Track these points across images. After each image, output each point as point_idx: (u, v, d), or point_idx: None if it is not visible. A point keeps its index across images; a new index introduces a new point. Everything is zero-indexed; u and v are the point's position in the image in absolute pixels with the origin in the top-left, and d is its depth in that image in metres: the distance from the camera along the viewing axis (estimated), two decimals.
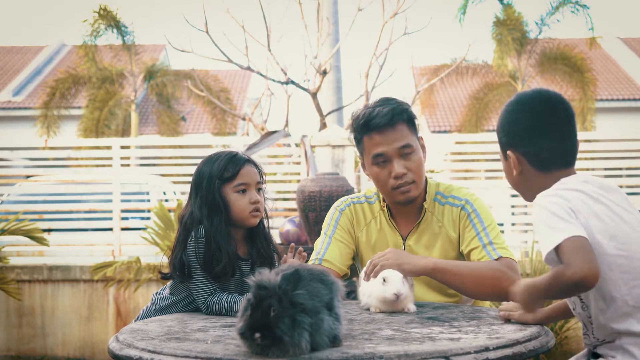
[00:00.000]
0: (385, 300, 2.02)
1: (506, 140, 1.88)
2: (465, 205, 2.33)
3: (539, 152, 1.82)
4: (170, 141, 7.77)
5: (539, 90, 1.88)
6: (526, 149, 1.84)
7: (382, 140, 2.28)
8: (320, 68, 7.29)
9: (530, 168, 1.84)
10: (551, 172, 1.82)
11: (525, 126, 1.84)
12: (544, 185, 1.79)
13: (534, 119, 1.84)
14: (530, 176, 1.85)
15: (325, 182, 4.54)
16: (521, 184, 1.89)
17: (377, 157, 2.30)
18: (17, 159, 8.23)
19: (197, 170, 2.31)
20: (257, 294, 1.46)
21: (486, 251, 2.23)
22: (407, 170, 2.28)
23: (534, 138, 1.82)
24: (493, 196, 7.97)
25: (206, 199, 2.23)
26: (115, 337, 1.78)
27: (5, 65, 23.83)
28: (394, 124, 2.28)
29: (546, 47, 16.30)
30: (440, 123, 20.94)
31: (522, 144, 1.84)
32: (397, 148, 2.28)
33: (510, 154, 1.86)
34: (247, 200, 2.26)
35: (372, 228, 2.41)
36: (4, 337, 6.03)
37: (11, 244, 6.19)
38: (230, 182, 2.25)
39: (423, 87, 8.14)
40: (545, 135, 1.82)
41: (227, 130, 17.13)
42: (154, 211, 5.67)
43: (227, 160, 2.27)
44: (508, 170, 1.90)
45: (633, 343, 1.70)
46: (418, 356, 1.48)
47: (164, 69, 17.47)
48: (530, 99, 1.87)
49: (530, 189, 1.87)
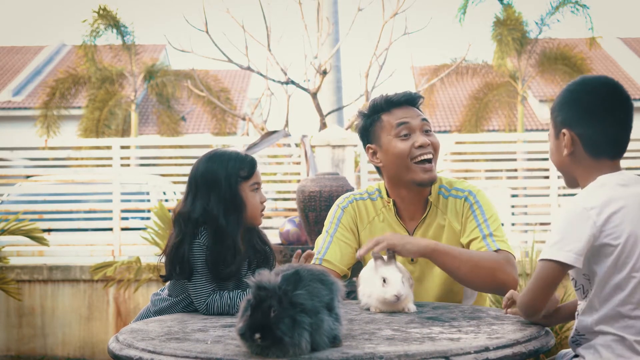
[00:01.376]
0: (385, 301, 2.02)
1: (563, 118, 1.86)
2: (468, 196, 2.33)
3: (595, 134, 1.82)
4: (170, 141, 7.77)
5: (605, 76, 1.89)
6: (583, 130, 1.82)
7: (404, 113, 2.33)
8: (320, 68, 7.29)
9: (582, 150, 1.83)
10: (599, 159, 1.82)
11: (587, 107, 1.83)
12: (588, 171, 1.82)
13: (596, 101, 1.83)
14: (579, 159, 1.84)
15: (325, 182, 4.53)
16: (567, 165, 1.88)
17: (400, 125, 2.30)
18: (17, 159, 8.24)
19: (203, 169, 2.25)
20: (257, 295, 1.46)
21: (485, 242, 2.23)
22: (430, 143, 2.31)
23: (593, 120, 1.82)
24: (493, 196, 7.97)
25: (224, 197, 2.20)
26: (115, 337, 1.78)
27: (5, 65, 23.83)
28: (415, 104, 2.37)
29: (546, 47, 16.31)
30: (440, 123, 20.94)
31: (580, 124, 1.83)
32: (419, 120, 2.32)
33: (566, 132, 1.84)
34: (259, 199, 2.28)
35: (376, 225, 2.40)
36: (4, 337, 6.03)
37: (11, 244, 6.19)
38: (247, 180, 2.25)
39: (423, 87, 8.14)
40: (604, 120, 1.82)
41: (227, 130, 17.13)
42: (154, 211, 5.67)
43: (241, 160, 2.26)
44: (557, 150, 1.89)
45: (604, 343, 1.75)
46: (418, 356, 1.49)
47: (164, 69, 17.47)
48: (596, 81, 1.87)
49: (574, 171, 1.87)
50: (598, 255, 1.73)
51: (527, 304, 1.79)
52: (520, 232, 7.31)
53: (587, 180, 1.82)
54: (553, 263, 1.71)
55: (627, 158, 6.83)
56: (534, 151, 7.08)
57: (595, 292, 1.75)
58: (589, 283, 1.78)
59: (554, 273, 1.72)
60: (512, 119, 17.56)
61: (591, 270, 1.75)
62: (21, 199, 7.43)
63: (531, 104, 21.43)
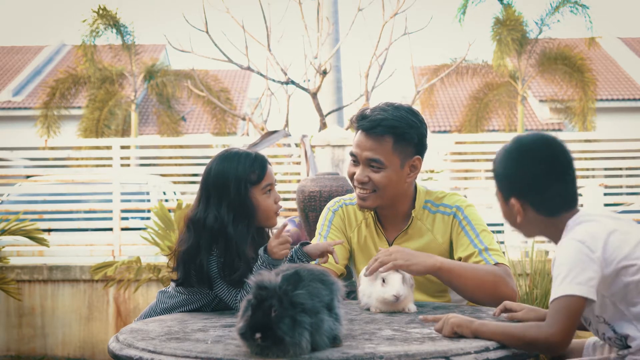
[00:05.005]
0: (384, 301, 2.02)
1: (509, 187, 1.84)
2: (456, 212, 2.33)
3: (547, 199, 1.80)
4: (170, 141, 7.77)
5: (540, 136, 1.84)
6: (533, 197, 1.80)
7: (360, 142, 2.28)
8: (320, 68, 7.28)
9: (535, 214, 1.81)
10: (558, 216, 1.80)
11: (532, 174, 1.80)
12: (549, 228, 1.81)
13: (540, 166, 1.79)
14: (534, 221, 1.83)
15: (325, 182, 4.53)
16: (525, 226, 1.86)
17: (351, 154, 2.33)
18: (17, 159, 8.24)
19: (215, 171, 2.20)
20: (258, 295, 1.46)
21: (482, 257, 2.25)
22: (369, 179, 2.27)
23: (542, 185, 1.79)
24: (493, 196, 7.95)
25: (234, 203, 2.15)
26: (116, 337, 1.78)
27: (5, 65, 23.83)
28: (376, 135, 2.24)
29: (546, 47, 16.31)
30: (440, 123, 20.94)
31: (529, 192, 1.80)
32: (365, 157, 2.27)
33: (515, 203, 1.82)
34: (273, 200, 2.24)
35: (363, 229, 2.44)
36: (4, 337, 6.02)
37: (11, 244, 6.18)
38: (258, 184, 2.19)
39: (423, 87, 8.14)
40: (552, 182, 1.79)
41: (227, 130, 17.13)
42: (154, 211, 5.66)
43: (251, 161, 2.20)
44: (509, 215, 1.86)
45: None
46: (418, 356, 1.49)
47: (164, 69, 17.47)
48: (534, 144, 1.83)
49: (533, 230, 1.86)
50: (617, 279, 1.71)
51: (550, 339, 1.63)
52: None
53: (557, 233, 1.80)
54: (568, 298, 1.65)
55: (627, 158, 6.82)
56: None
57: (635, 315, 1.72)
58: (609, 327, 1.77)
59: (572, 305, 1.64)
60: (512, 119, 17.57)
61: (611, 305, 1.74)
62: (21, 199, 7.44)
63: (531, 104, 21.43)
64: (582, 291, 1.64)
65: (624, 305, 1.72)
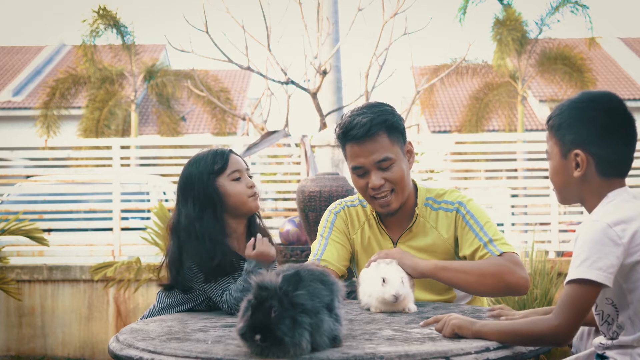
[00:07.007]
0: (384, 301, 2.02)
1: (574, 138, 1.74)
2: (459, 207, 2.33)
3: (609, 155, 1.73)
4: (170, 141, 7.76)
5: (610, 93, 1.78)
6: (598, 150, 1.72)
7: (360, 152, 2.26)
8: (320, 68, 7.28)
9: (593, 170, 1.73)
10: (610, 179, 1.74)
11: (603, 125, 1.72)
12: (593, 192, 1.74)
13: (611, 119, 1.73)
14: (589, 179, 1.74)
15: (325, 182, 4.53)
16: (574, 185, 1.77)
17: (355, 169, 2.29)
18: (17, 159, 8.24)
19: (182, 175, 2.29)
20: (258, 295, 1.46)
21: (488, 249, 2.23)
22: (384, 181, 2.27)
23: (609, 139, 1.72)
24: (493, 196, 7.97)
25: (198, 196, 2.23)
26: (116, 337, 1.78)
27: (5, 65, 23.82)
28: (372, 135, 2.24)
29: (546, 47, 16.31)
30: (440, 123, 20.94)
31: (597, 143, 1.72)
32: (374, 161, 2.25)
33: (580, 153, 1.73)
34: (244, 185, 2.28)
35: (366, 230, 2.43)
36: (4, 337, 6.02)
37: (11, 244, 6.19)
38: (222, 172, 2.26)
39: (423, 87, 8.13)
40: (618, 140, 1.73)
41: (227, 130, 17.13)
42: (154, 211, 5.67)
43: (212, 155, 2.29)
44: (563, 170, 1.77)
45: None
46: (419, 356, 1.48)
47: (164, 69, 17.46)
48: (606, 98, 1.76)
49: (583, 192, 1.77)
50: (632, 272, 1.65)
51: (558, 331, 1.60)
52: (520, 232, 7.31)
53: (597, 200, 1.74)
54: (583, 284, 1.60)
55: None
56: (534, 151, 7.07)
57: (635, 311, 1.67)
58: (614, 310, 1.71)
59: (586, 294, 1.60)
60: (512, 119, 17.57)
61: (622, 293, 1.68)
62: (21, 199, 7.43)
63: (531, 104, 21.43)
64: (599, 277, 1.58)
65: (632, 298, 1.68)
